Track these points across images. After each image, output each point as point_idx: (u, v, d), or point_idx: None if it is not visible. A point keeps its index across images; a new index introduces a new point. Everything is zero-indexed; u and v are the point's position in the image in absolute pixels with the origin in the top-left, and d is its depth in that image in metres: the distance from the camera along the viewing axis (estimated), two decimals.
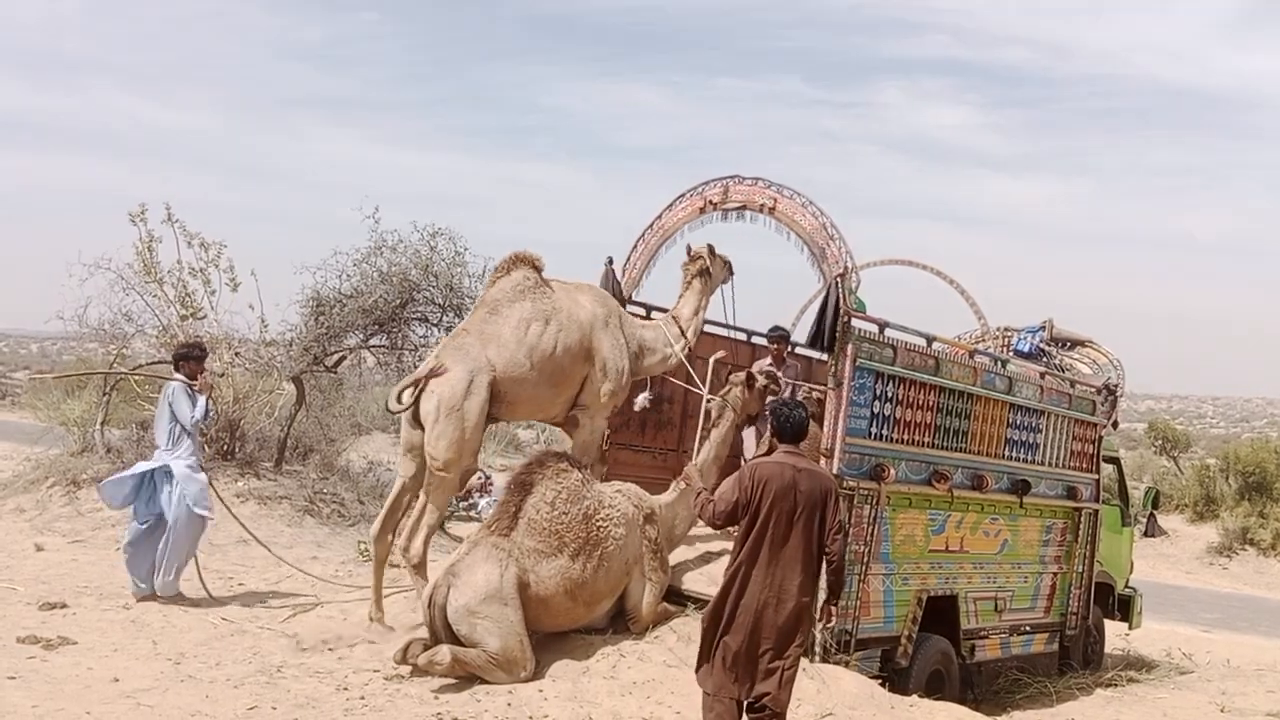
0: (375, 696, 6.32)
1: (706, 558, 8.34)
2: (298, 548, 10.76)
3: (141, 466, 8.65)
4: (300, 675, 6.66)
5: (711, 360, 8.74)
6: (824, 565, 5.62)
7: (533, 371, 7.63)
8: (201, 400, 8.52)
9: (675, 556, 8.25)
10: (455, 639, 6.63)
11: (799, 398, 9.04)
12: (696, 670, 5.70)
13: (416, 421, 7.47)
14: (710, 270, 8.70)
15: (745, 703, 5.52)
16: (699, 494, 5.82)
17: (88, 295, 12.47)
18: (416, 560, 7.44)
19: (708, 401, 8.38)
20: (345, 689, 6.43)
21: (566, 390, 7.95)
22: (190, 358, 8.70)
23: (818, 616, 6.02)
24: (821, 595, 6.11)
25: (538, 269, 7.98)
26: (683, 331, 8.55)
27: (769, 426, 5.91)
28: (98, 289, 12.49)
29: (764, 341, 9.94)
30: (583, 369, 7.94)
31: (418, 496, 7.64)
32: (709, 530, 8.86)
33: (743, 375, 8.23)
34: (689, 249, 8.79)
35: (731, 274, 8.92)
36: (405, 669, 6.63)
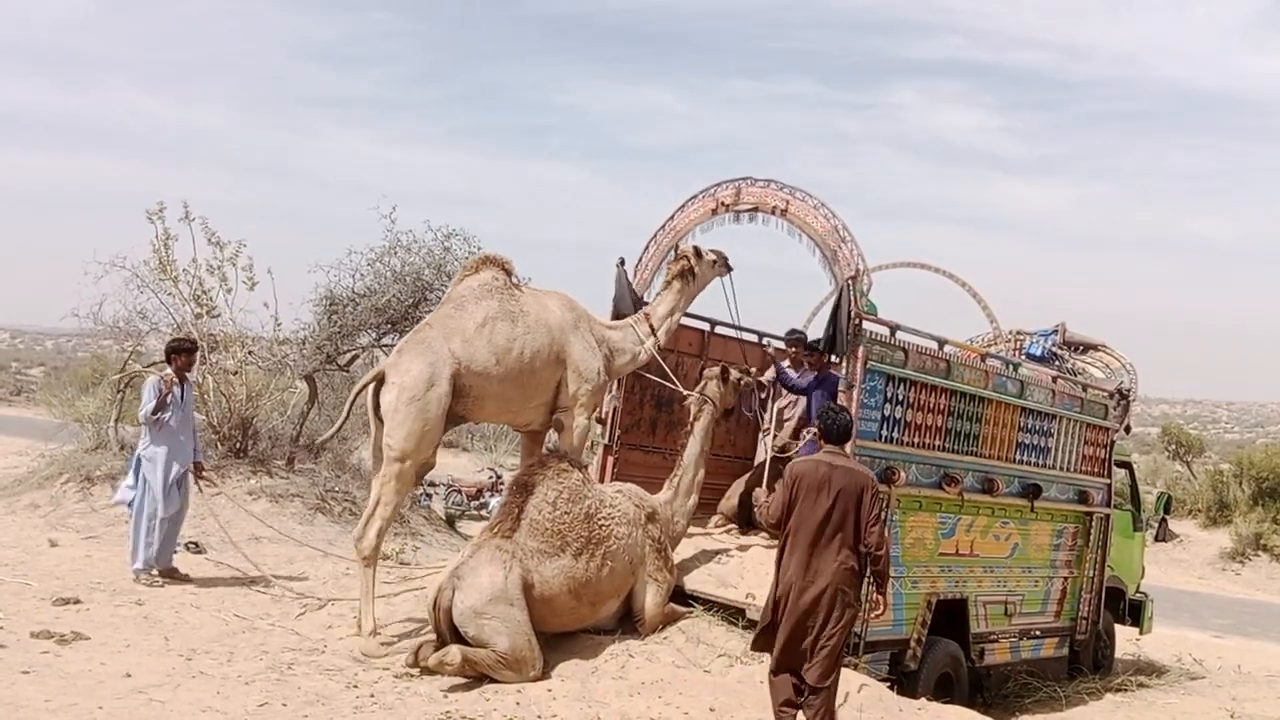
0: (385, 694, 6.35)
1: (713, 559, 8.36)
2: (309, 545, 10.79)
3: (133, 462, 9.20)
4: (311, 672, 6.69)
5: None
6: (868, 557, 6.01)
7: (498, 368, 7.59)
8: (153, 401, 8.88)
9: (688, 560, 8.27)
10: (461, 640, 6.65)
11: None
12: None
13: (379, 418, 7.44)
14: (694, 272, 8.61)
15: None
16: (759, 502, 6.60)
17: (103, 293, 12.54)
18: (368, 552, 7.35)
19: (687, 398, 8.39)
20: (355, 686, 6.46)
21: (537, 395, 7.91)
22: (180, 350, 9.23)
23: (868, 606, 6.26)
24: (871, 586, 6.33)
25: (507, 271, 7.98)
26: (653, 330, 8.50)
27: (817, 428, 6.47)
28: (113, 286, 12.57)
29: (782, 345, 9.91)
30: (554, 373, 7.91)
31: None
32: (709, 530, 8.93)
33: (717, 369, 8.28)
34: (677, 248, 8.77)
35: (729, 269, 8.84)
36: (420, 657, 6.67)
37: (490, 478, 18.30)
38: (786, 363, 9.37)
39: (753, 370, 8.75)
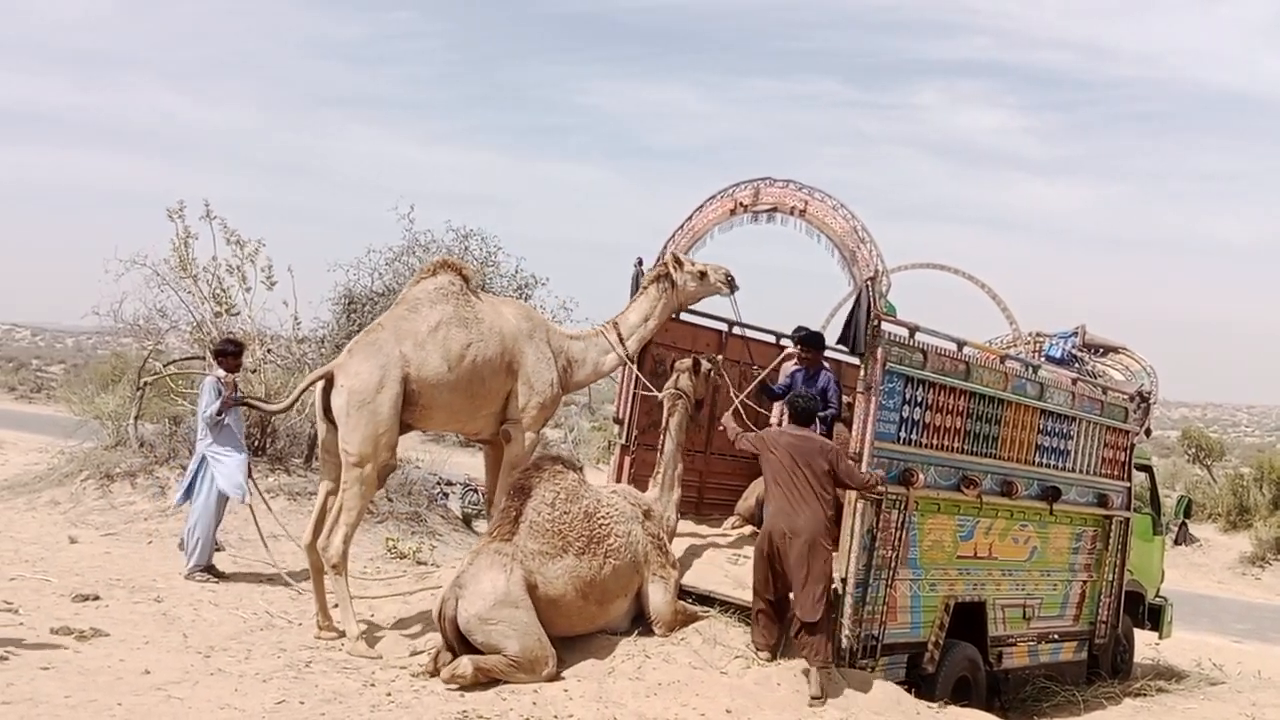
0: (402, 693, 6.35)
1: (729, 560, 8.35)
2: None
3: (193, 464, 9.38)
4: (328, 670, 6.71)
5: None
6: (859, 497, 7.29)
7: (449, 375, 7.44)
8: (217, 402, 9.04)
9: (704, 561, 8.27)
10: (470, 648, 6.62)
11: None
12: None
13: (329, 419, 7.38)
14: (673, 280, 8.42)
15: (776, 601, 7.15)
16: (734, 434, 7.69)
17: (123, 291, 12.64)
18: (335, 560, 7.28)
19: (660, 397, 8.31)
20: (372, 685, 6.47)
21: (487, 404, 7.75)
22: (225, 353, 9.41)
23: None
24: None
25: (465, 277, 7.85)
26: (621, 339, 8.31)
27: (787, 409, 7.70)
28: (133, 285, 12.66)
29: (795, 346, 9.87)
30: (504, 383, 7.76)
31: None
32: (726, 530, 8.92)
33: (688, 362, 8.24)
34: (661, 253, 8.59)
35: (734, 289, 8.72)
36: (438, 659, 6.67)
37: None
38: (794, 363, 9.32)
39: (719, 359, 8.68)
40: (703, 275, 8.50)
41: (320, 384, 7.43)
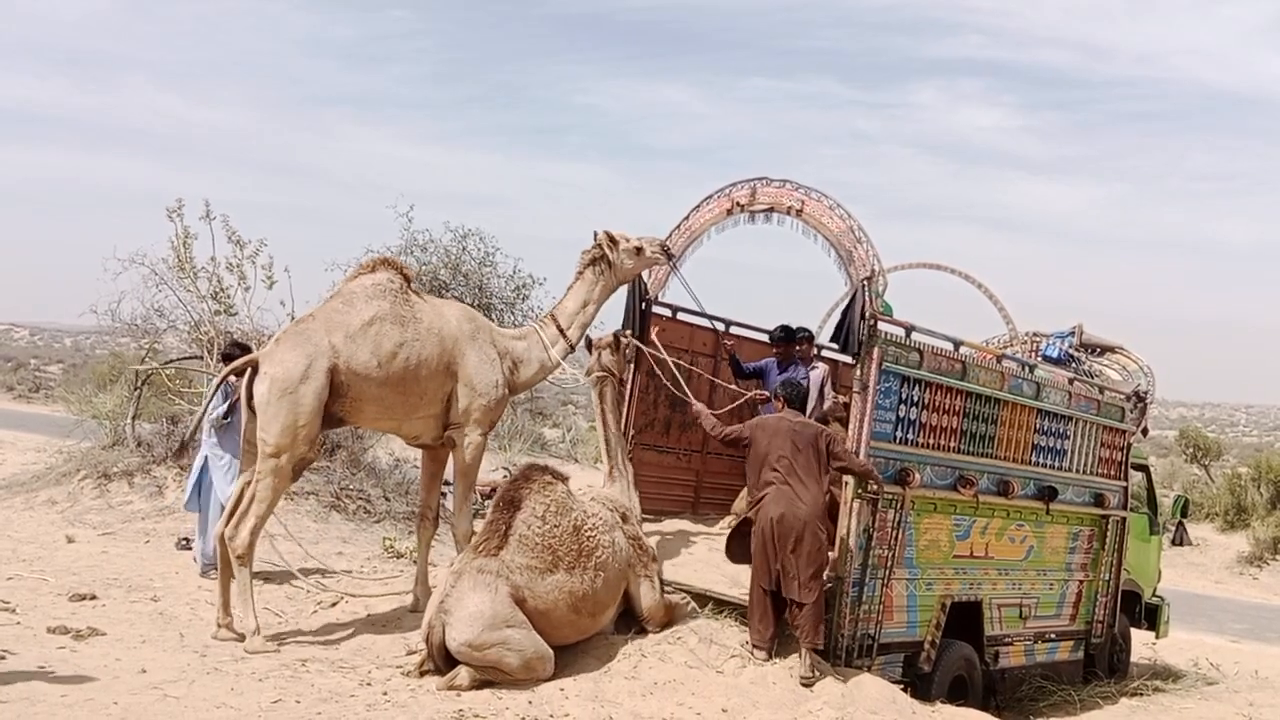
0: (398, 692, 6.35)
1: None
2: (323, 543, 10.84)
3: (195, 465, 9.39)
4: (324, 669, 6.71)
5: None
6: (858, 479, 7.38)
7: (379, 371, 7.30)
8: (226, 404, 9.00)
9: (700, 560, 8.27)
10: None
11: (825, 405, 8.98)
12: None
13: (252, 409, 7.24)
14: (610, 260, 8.24)
15: (777, 592, 7.12)
16: (711, 426, 7.78)
17: (121, 290, 12.67)
18: (240, 551, 7.15)
19: (587, 375, 8.24)
20: (369, 684, 6.47)
21: (424, 405, 7.61)
22: (232, 357, 9.28)
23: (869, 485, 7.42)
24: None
25: (405, 277, 7.76)
26: (562, 331, 8.19)
27: (780, 397, 7.63)
28: (131, 284, 12.68)
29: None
30: (443, 385, 7.62)
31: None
32: (721, 529, 8.93)
33: (608, 338, 8.17)
34: (595, 234, 8.39)
35: (669, 257, 8.55)
36: (429, 664, 6.66)
37: (504, 476, 18.29)
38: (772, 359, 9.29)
39: (628, 333, 8.55)
40: (638, 250, 8.30)
41: (246, 372, 7.27)
